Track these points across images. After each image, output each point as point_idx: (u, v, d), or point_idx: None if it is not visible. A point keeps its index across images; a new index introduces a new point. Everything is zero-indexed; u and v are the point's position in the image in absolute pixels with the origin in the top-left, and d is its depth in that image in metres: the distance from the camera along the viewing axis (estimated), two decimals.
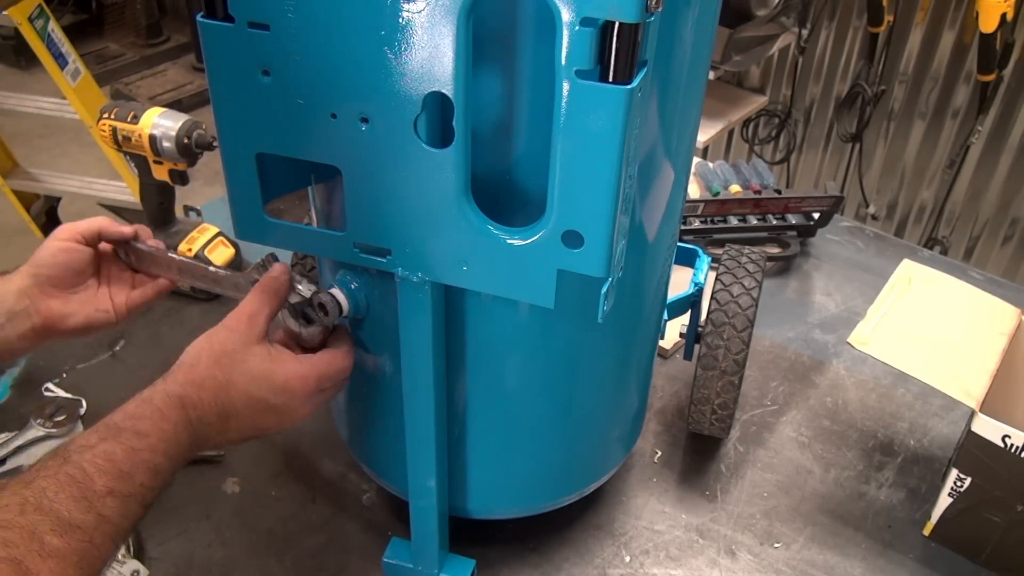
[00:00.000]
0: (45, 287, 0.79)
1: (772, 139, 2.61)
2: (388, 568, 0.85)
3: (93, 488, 0.57)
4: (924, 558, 0.92)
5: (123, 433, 0.61)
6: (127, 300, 0.84)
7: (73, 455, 0.58)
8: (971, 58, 2.20)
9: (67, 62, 2.42)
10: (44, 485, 0.56)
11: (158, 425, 0.63)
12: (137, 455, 0.60)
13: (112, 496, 0.58)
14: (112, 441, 0.60)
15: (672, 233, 0.79)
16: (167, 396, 0.65)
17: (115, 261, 0.85)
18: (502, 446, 0.80)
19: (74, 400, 1.04)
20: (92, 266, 0.82)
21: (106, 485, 0.58)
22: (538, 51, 0.57)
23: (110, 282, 0.84)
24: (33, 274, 0.79)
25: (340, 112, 0.59)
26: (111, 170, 2.66)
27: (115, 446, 0.60)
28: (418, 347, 0.69)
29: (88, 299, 0.82)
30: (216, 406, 0.67)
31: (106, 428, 0.61)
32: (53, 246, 0.80)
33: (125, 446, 0.60)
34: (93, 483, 0.57)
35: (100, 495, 0.57)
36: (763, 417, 1.08)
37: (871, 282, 1.29)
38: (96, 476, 0.57)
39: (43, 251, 0.80)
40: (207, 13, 0.59)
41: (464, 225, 0.61)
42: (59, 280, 0.80)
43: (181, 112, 1.13)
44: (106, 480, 0.58)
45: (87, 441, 0.60)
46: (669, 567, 0.89)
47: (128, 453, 0.60)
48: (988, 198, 2.39)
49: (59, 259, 0.80)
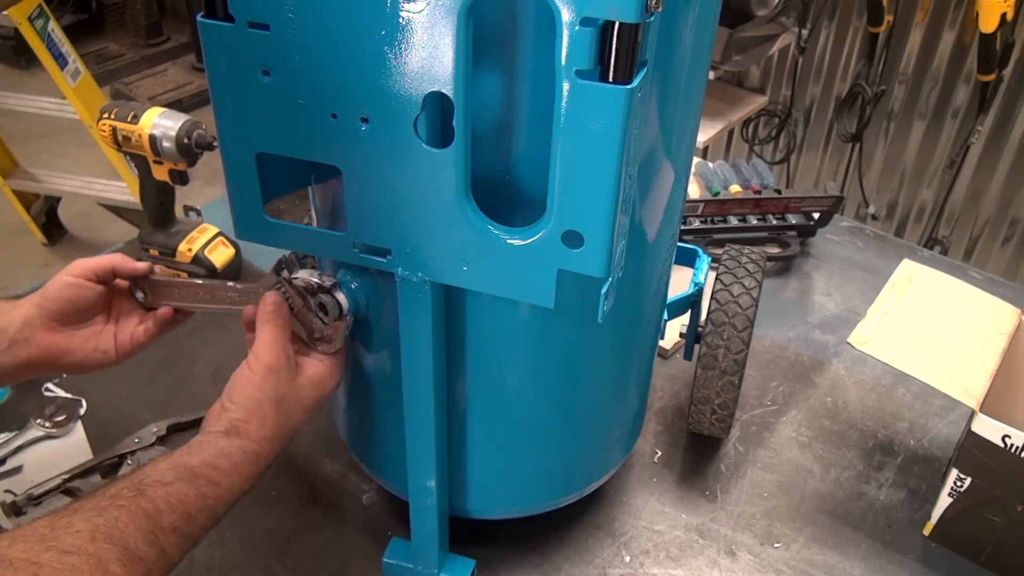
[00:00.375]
0: (48, 320, 0.78)
1: (772, 139, 2.61)
2: (388, 568, 0.85)
3: (161, 524, 0.60)
4: (924, 558, 0.92)
5: (198, 479, 0.64)
6: (131, 338, 0.83)
7: (148, 489, 0.61)
8: (971, 58, 2.20)
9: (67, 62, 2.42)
10: (117, 515, 0.58)
11: (231, 478, 0.66)
12: (206, 502, 0.63)
13: (176, 534, 0.60)
14: (187, 484, 0.63)
15: (672, 233, 0.79)
16: (244, 453, 0.68)
17: (127, 299, 0.84)
18: (502, 446, 0.80)
19: (74, 400, 1.04)
20: (101, 304, 0.82)
21: (172, 524, 0.60)
22: (538, 51, 0.57)
23: (118, 319, 0.83)
24: (39, 305, 0.79)
25: (340, 112, 0.59)
26: (111, 170, 2.66)
27: (189, 489, 0.63)
28: (418, 347, 0.70)
29: (90, 337, 0.81)
30: (284, 446, 0.72)
31: (184, 468, 0.64)
32: (62, 280, 0.80)
33: (198, 492, 0.63)
34: (162, 519, 0.60)
35: (166, 531, 0.60)
36: (763, 417, 1.08)
37: (871, 282, 1.30)
38: (166, 513, 0.60)
39: (53, 283, 0.80)
40: (207, 13, 0.59)
41: (464, 225, 0.61)
42: (63, 315, 0.79)
43: (181, 112, 1.13)
44: (174, 519, 0.61)
45: (162, 477, 0.62)
46: (669, 567, 0.89)
47: (199, 499, 0.63)
48: (988, 198, 2.39)
49: (65, 294, 0.79)
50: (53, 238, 2.92)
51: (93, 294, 0.80)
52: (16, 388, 1.07)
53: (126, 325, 0.83)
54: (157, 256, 1.21)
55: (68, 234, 2.97)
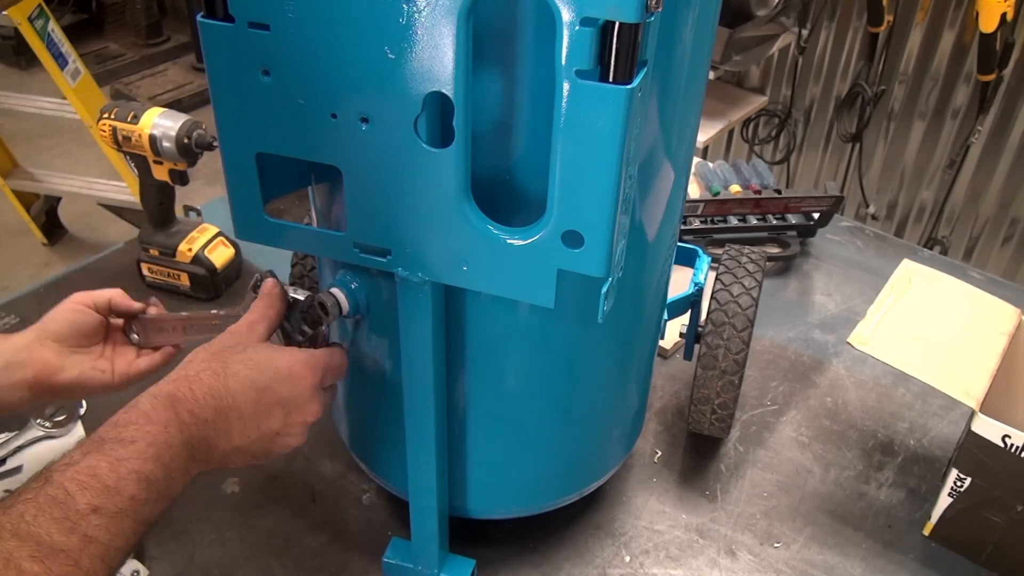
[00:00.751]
0: (46, 341, 0.78)
1: (772, 139, 2.61)
2: (388, 568, 0.85)
3: (76, 507, 0.53)
4: (924, 558, 0.92)
5: (107, 444, 0.57)
6: (127, 370, 0.81)
7: (55, 475, 0.54)
8: (971, 58, 2.20)
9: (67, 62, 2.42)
10: (23, 509, 0.52)
11: (144, 429, 0.58)
12: (123, 465, 0.56)
13: (97, 514, 0.53)
14: (96, 455, 0.56)
15: (672, 233, 0.79)
16: (153, 397, 0.61)
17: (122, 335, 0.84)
18: (502, 446, 0.80)
19: (74, 400, 1.04)
20: (100, 333, 0.81)
21: (90, 503, 0.53)
22: (538, 51, 0.57)
23: (115, 350, 0.83)
24: (40, 329, 0.79)
25: (340, 112, 0.59)
26: (111, 170, 2.66)
27: (99, 459, 0.55)
28: (418, 347, 0.69)
29: (87, 359, 0.80)
30: (212, 400, 0.62)
31: (91, 442, 0.57)
32: (65, 306, 0.80)
33: (109, 458, 0.56)
34: (76, 502, 0.53)
35: (83, 514, 0.53)
36: (763, 417, 1.08)
37: (871, 282, 1.30)
38: (78, 494, 0.53)
39: (55, 310, 0.80)
40: (207, 13, 0.59)
41: (464, 225, 0.61)
42: (64, 337, 0.79)
43: (181, 112, 1.13)
44: (90, 497, 0.54)
45: (71, 458, 0.56)
46: (669, 567, 0.89)
47: (113, 465, 0.55)
48: (988, 198, 2.39)
49: (67, 317, 0.79)
50: (53, 238, 2.92)
51: (93, 320, 0.80)
52: None
53: (123, 356, 0.82)
54: (157, 256, 1.21)
55: (68, 234, 2.97)
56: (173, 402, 0.61)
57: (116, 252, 1.32)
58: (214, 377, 0.64)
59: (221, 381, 0.64)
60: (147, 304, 0.83)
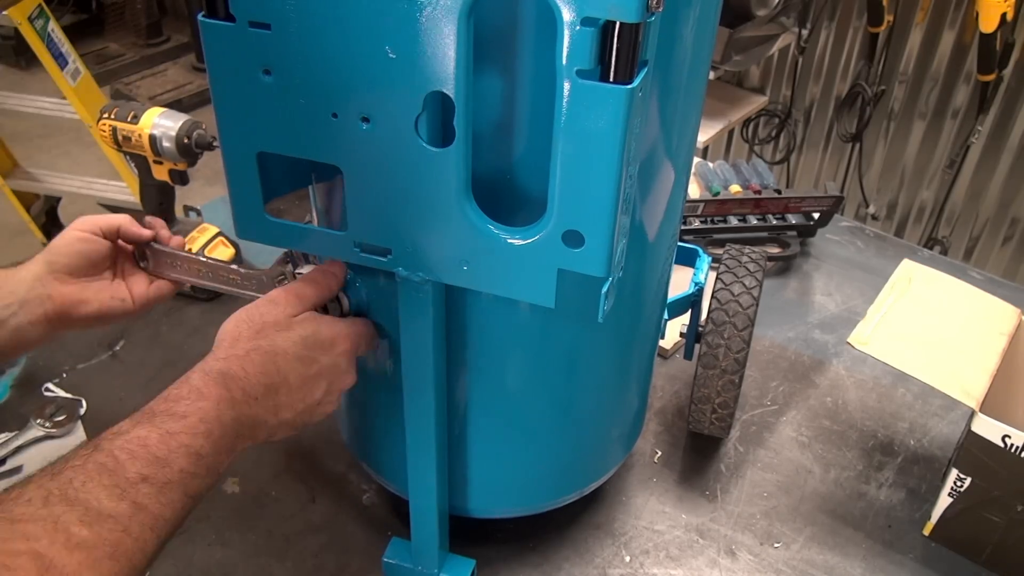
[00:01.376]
0: (60, 274, 0.77)
1: (772, 139, 2.61)
2: (388, 568, 0.85)
3: (126, 475, 0.53)
4: (924, 558, 0.92)
5: (158, 416, 0.57)
6: (145, 292, 0.82)
7: (104, 442, 0.54)
8: (971, 58, 2.20)
9: (67, 62, 2.42)
10: (71, 475, 0.51)
11: (196, 405, 0.58)
12: (173, 439, 0.56)
13: (147, 483, 0.53)
14: (146, 425, 0.56)
15: (672, 233, 0.79)
16: (205, 374, 0.60)
17: (132, 260, 0.84)
18: (502, 446, 0.80)
19: (74, 400, 1.04)
20: (109, 259, 0.81)
21: (140, 472, 0.53)
22: (539, 51, 0.57)
23: (125, 276, 0.83)
24: (48, 261, 0.77)
25: (341, 112, 0.59)
26: (111, 170, 2.66)
27: (149, 431, 0.55)
28: (418, 347, 0.69)
29: (104, 288, 0.80)
30: (263, 377, 0.63)
31: (141, 414, 0.57)
32: (71, 235, 0.79)
33: (160, 430, 0.56)
34: (125, 470, 0.53)
35: (133, 482, 0.53)
36: (763, 417, 1.08)
37: (871, 282, 1.30)
38: (128, 463, 0.53)
39: (60, 240, 0.79)
40: (208, 13, 0.59)
41: (465, 225, 0.61)
42: (75, 268, 0.78)
43: (181, 112, 1.13)
44: (140, 467, 0.53)
45: (120, 428, 0.56)
46: (669, 567, 0.89)
47: (163, 437, 0.55)
48: (988, 198, 2.39)
49: (75, 248, 0.78)
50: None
51: (101, 248, 0.79)
52: (16, 388, 1.07)
53: (136, 281, 0.82)
54: None
55: None
56: (225, 379, 0.61)
57: None
58: (264, 356, 0.63)
59: (271, 359, 0.64)
60: (154, 229, 0.82)
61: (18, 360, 1.10)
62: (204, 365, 0.62)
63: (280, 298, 0.67)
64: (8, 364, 1.09)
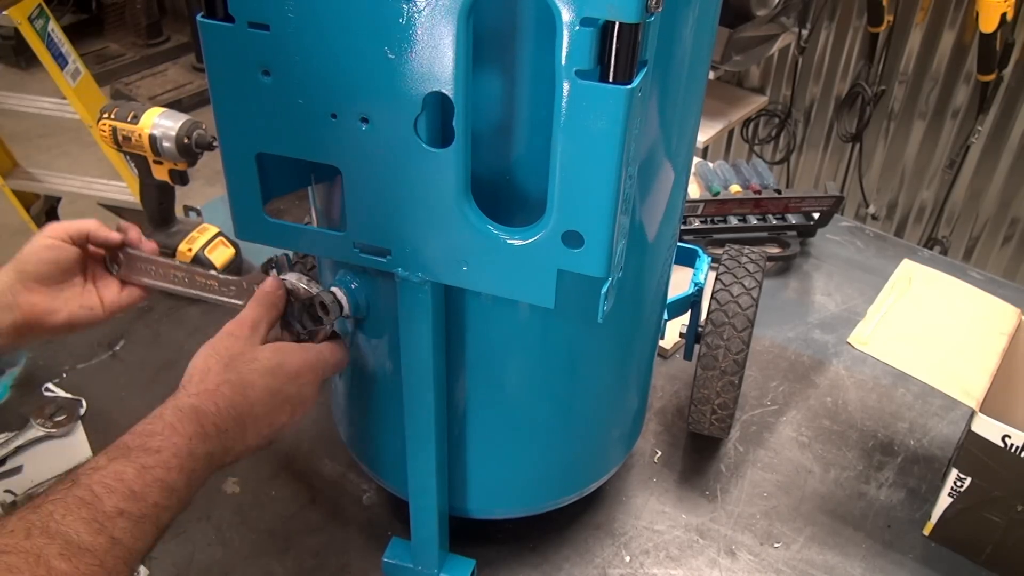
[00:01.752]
0: (28, 283, 0.77)
1: (772, 139, 2.61)
2: (388, 568, 0.85)
3: (103, 509, 0.55)
4: (924, 558, 0.92)
5: (133, 452, 0.59)
6: (116, 298, 0.81)
7: (82, 477, 0.56)
8: (971, 58, 2.20)
9: (67, 62, 2.42)
10: (51, 508, 0.54)
11: (170, 440, 0.60)
12: (149, 473, 0.58)
13: (123, 517, 0.55)
14: (122, 460, 0.58)
15: (672, 233, 0.79)
16: (178, 410, 0.63)
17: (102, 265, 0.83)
18: (502, 446, 0.80)
19: (74, 400, 1.04)
20: (79, 265, 0.80)
21: (116, 506, 0.55)
22: (538, 51, 0.57)
23: (96, 281, 0.82)
24: (17, 270, 0.77)
25: (340, 112, 0.59)
26: (111, 170, 2.66)
27: (125, 465, 0.58)
28: (418, 347, 0.69)
29: (73, 296, 0.79)
30: (233, 411, 0.65)
31: (116, 448, 0.59)
32: (39, 243, 0.78)
33: (136, 465, 0.58)
34: (103, 504, 0.55)
35: (111, 516, 0.55)
36: (763, 417, 1.08)
37: (871, 282, 1.30)
38: (106, 497, 0.55)
39: (29, 248, 0.78)
40: (207, 13, 0.59)
41: (464, 225, 0.61)
42: (44, 276, 0.78)
43: (181, 112, 1.13)
44: (116, 500, 0.56)
45: (97, 463, 0.58)
46: (669, 567, 0.89)
47: (139, 472, 0.58)
48: (988, 198, 2.39)
49: (44, 256, 0.78)
50: None
51: (70, 255, 0.79)
52: (16, 388, 1.07)
53: (107, 286, 0.82)
54: None
55: None
56: (198, 415, 0.63)
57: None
58: (233, 390, 0.66)
59: (240, 392, 0.66)
60: (125, 233, 0.81)
61: (18, 360, 1.10)
62: (176, 401, 0.64)
63: (238, 331, 0.69)
64: (8, 364, 1.09)
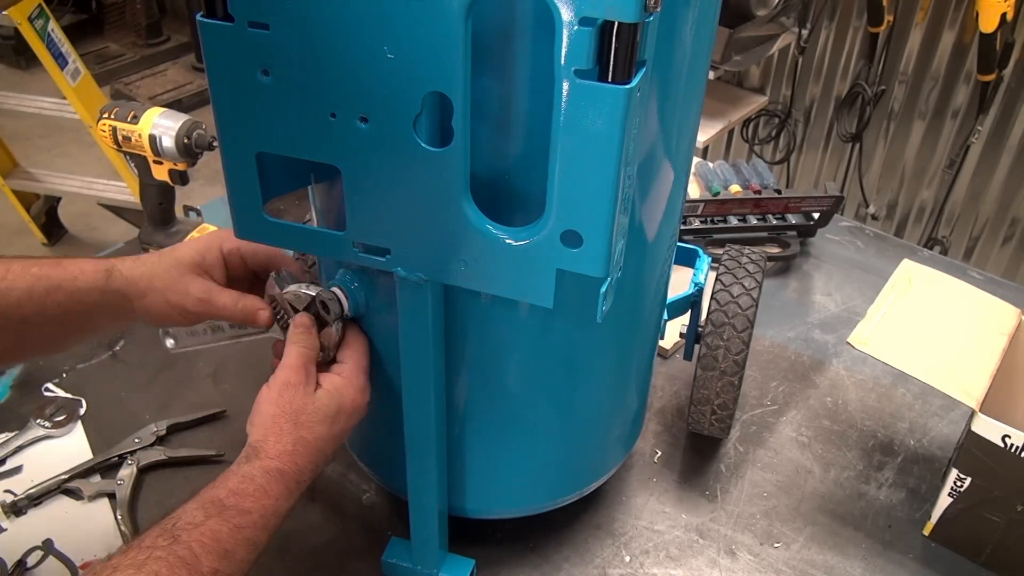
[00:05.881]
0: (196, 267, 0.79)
1: (772, 139, 2.62)
2: (388, 568, 0.85)
3: (200, 570, 0.60)
4: (924, 558, 0.92)
5: (227, 511, 0.64)
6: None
7: (182, 535, 0.61)
8: (971, 58, 2.20)
9: (67, 62, 2.42)
10: (156, 568, 0.58)
11: (261, 502, 0.66)
12: (241, 533, 0.63)
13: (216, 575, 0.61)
14: (217, 519, 0.63)
15: (672, 233, 0.79)
16: (266, 473, 0.67)
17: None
18: (502, 446, 0.80)
19: (74, 400, 1.04)
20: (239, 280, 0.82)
21: (212, 566, 0.61)
22: (537, 51, 0.57)
23: None
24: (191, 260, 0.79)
25: (339, 112, 0.59)
26: (111, 170, 2.66)
27: (221, 524, 0.63)
28: (418, 347, 0.70)
29: None
30: (311, 465, 0.70)
31: (212, 504, 0.64)
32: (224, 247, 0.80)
33: (230, 525, 0.63)
34: (201, 564, 0.60)
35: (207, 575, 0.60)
36: (763, 417, 1.08)
37: (871, 282, 1.30)
38: (203, 556, 0.60)
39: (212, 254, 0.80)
40: (207, 13, 0.59)
41: (463, 225, 0.61)
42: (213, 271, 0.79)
43: (181, 112, 1.13)
44: (212, 560, 0.61)
45: (193, 519, 0.62)
46: (669, 567, 0.89)
47: (233, 532, 0.63)
48: (988, 198, 2.39)
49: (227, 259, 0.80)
50: (53, 238, 2.92)
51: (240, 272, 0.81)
52: (16, 388, 1.07)
53: None
54: None
55: (68, 234, 2.97)
56: (284, 478, 0.68)
57: (116, 252, 1.32)
58: (307, 447, 0.70)
59: (314, 447, 0.71)
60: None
61: None
62: (263, 464, 0.68)
63: (294, 378, 0.72)
64: (8, 365, 1.08)
